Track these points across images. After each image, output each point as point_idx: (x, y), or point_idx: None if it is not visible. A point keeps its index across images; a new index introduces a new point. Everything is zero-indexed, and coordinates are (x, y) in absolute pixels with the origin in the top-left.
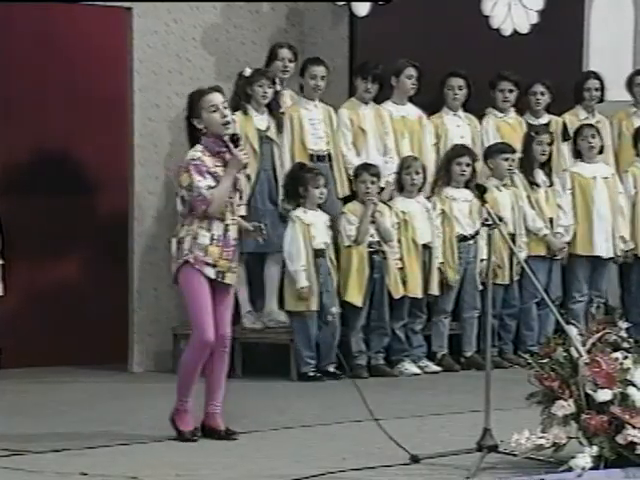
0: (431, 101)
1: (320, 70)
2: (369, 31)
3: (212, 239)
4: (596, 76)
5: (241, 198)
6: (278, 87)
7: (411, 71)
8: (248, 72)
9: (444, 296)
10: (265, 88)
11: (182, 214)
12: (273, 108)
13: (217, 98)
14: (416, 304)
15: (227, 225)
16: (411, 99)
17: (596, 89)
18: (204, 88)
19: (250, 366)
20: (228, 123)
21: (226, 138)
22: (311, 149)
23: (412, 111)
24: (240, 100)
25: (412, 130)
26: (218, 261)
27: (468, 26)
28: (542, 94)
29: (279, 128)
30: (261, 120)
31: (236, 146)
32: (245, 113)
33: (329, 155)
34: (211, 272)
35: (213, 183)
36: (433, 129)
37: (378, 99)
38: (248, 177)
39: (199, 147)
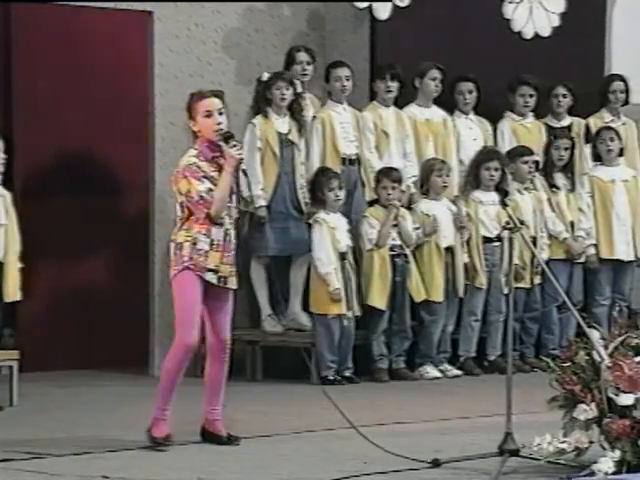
0: (447, 104)
1: (344, 71)
2: (390, 34)
3: (212, 244)
4: (621, 78)
5: (235, 200)
6: (299, 89)
7: (435, 73)
8: (266, 76)
9: (471, 298)
10: (283, 90)
11: (180, 219)
12: (294, 110)
13: (213, 103)
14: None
15: (227, 229)
16: (436, 101)
17: (621, 91)
18: (204, 91)
19: (270, 370)
20: (220, 131)
21: (218, 139)
22: (343, 152)
23: (437, 113)
24: (260, 104)
25: (436, 133)
26: (219, 266)
27: (489, 29)
28: (564, 96)
29: (301, 131)
30: (282, 123)
31: (228, 144)
32: (265, 117)
33: (358, 159)
34: (213, 278)
35: (212, 186)
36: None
37: (402, 102)
38: (244, 172)
39: (193, 152)
